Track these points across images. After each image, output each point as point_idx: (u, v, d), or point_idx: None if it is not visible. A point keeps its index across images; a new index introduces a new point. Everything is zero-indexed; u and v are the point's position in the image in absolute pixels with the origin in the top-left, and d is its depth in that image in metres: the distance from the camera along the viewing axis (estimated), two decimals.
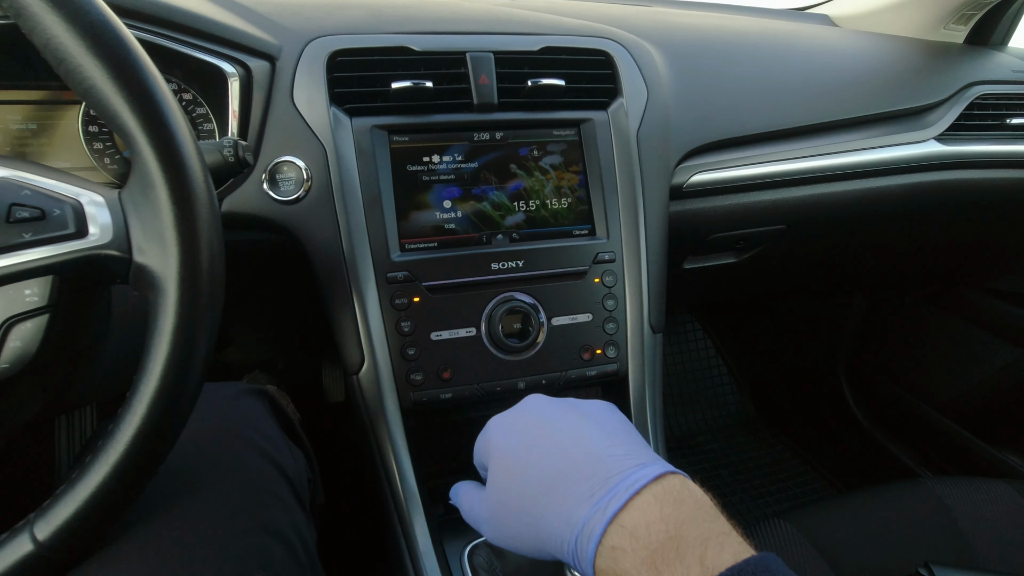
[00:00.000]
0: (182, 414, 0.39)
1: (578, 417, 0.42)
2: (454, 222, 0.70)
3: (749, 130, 0.84)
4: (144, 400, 0.37)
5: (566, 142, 0.74)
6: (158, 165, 0.37)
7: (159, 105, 0.37)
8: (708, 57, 0.87)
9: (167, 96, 0.38)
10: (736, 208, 0.86)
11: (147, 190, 0.37)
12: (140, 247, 0.38)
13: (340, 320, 0.65)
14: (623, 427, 0.42)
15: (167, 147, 0.37)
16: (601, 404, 0.46)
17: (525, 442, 0.41)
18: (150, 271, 0.38)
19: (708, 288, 1.23)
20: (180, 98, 0.69)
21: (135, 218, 0.38)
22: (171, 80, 0.69)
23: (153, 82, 0.37)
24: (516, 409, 0.46)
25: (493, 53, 0.71)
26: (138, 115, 0.36)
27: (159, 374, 0.37)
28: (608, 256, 0.72)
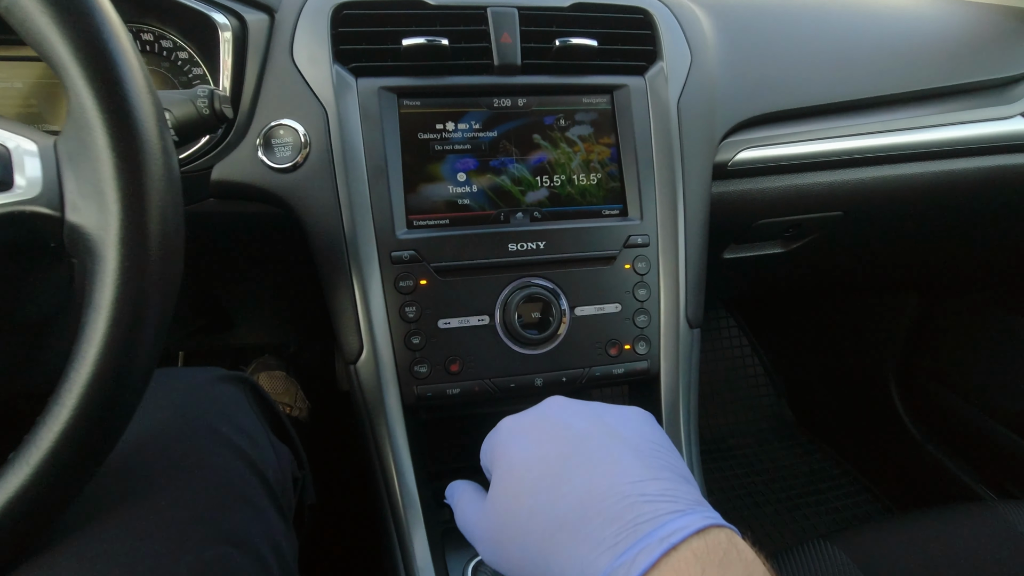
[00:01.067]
0: (123, 407, 0.33)
1: (608, 435, 0.34)
2: (468, 197, 0.62)
3: (806, 102, 0.74)
4: (75, 390, 0.31)
5: (597, 111, 0.66)
6: (95, 103, 0.30)
7: (97, 27, 0.30)
8: (760, 18, 0.77)
9: (109, 18, 0.31)
10: (787, 191, 0.77)
11: (83, 134, 0.31)
12: (74, 203, 0.32)
13: (338, 303, 0.59)
14: (660, 452, 0.34)
15: (106, 80, 0.30)
16: (635, 415, 0.38)
17: (541, 458, 0.34)
18: (85, 232, 0.31)
19: (748, 281, 1.13)
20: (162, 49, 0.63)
21: (70, 169, 0.32)
22: (154, 29, 0.63)
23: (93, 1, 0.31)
24: (533, 412, 0.39)
25: (517, 9, 0.63)
26: (69, 39, 0.30)
27: (93, 359, 0.31)
28: (641, 240, 0.64)
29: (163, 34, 0.65)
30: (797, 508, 1.31)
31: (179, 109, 0.43)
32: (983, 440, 1.15)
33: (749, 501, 1.33)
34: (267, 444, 0.49)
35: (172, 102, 0.43)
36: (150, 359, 0.33)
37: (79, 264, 0.33)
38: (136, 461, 0.39)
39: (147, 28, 0.64)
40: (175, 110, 0.43)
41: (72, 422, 0.31)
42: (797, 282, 1.22)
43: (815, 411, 1.53)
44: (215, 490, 0.41)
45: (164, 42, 0.65)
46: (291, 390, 1.15)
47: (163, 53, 0.66)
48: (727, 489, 1.36)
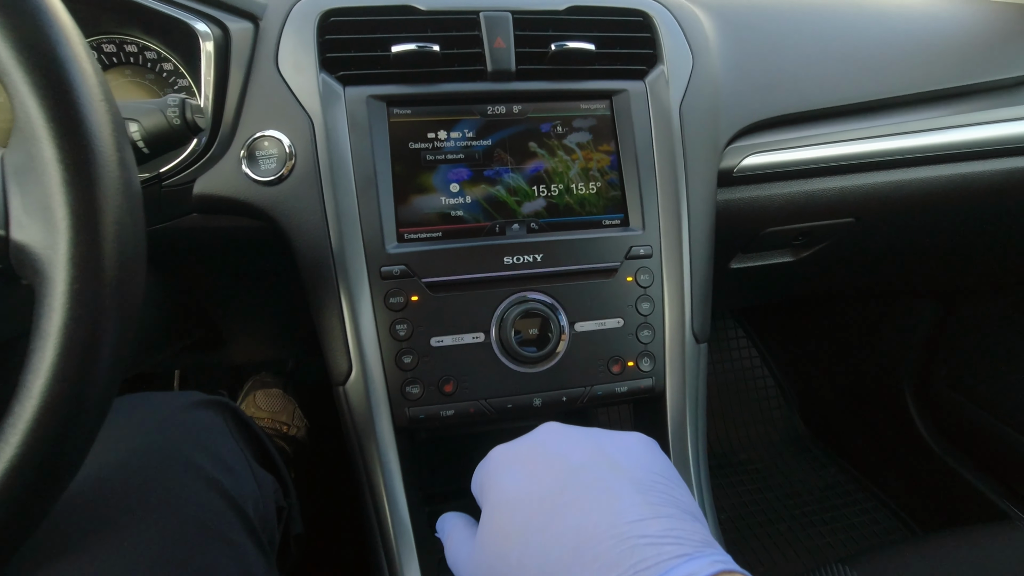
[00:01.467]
0: (76, 444, 0.30)
1: (606, 466, 0.31)
2: (462, 208, 0.60)
3: (814, 104, 0.71)
4: (20, 426, 0.28)
5: (595, 117, 0.63)
6: (41, 112, 0.28)
7: (44, 29, 0.28)
8: (765, 18, 0.74)
9: (59, 20, 0.29)
10: (796, 197, 0.73)
11: (29, 146, 0.28)
12: (19, 221, 0.29)
13: (325, 321, 0.56)
14: (664, 484, 0.31)
15: (54, 87, 0.28)
16: (637, 443, 0.35)
17: (533, 493, 0.31)
18: (32, 252, 0.29)
19: (756, 291, 1.10)
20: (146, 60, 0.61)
21: (15, 184, 0.29)
22: (137, 40, 0.61)
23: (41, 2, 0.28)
24: (526, 441, 0.36)
25: (511, 12, 0.61)
26: (12, 42, 0.27)
27: (40, 392, 0.28)
28: (644, 251, 0.61)
29: (147, 45, 0.63)
30: (812, 526, 1.27)
31: (148, 120, 0.41)
32: (1006, 452, 1.10)
33: (762, 518, 1.29)
34: (248, 474, 0.46)
35: (140, 112, 0.41)
36: (106, 391, 0.30)
37: (28, 287, 0.30)
38: (98, 496, 0.36)
39: (130, 39, 0.63)
40: (144, 121, 0.41)
41: (17, 461, 0.28)
42: (808, 291, 1.18)
43: (828, 423, 1.49)
44: (185, 526, 0.38)
45: (148, 53, 0.64)
46: (288, 408, 1.13)
47: (147, 64, 0.64)
48: (738, 506, 1.32)
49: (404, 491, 0.56)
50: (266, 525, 0.46)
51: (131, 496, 0.37)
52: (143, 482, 0.38)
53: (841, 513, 1.29)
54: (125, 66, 0.64)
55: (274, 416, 1.10)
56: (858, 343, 1.38)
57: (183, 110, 0.42)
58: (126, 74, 0.65)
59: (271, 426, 1.08)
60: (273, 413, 1.10)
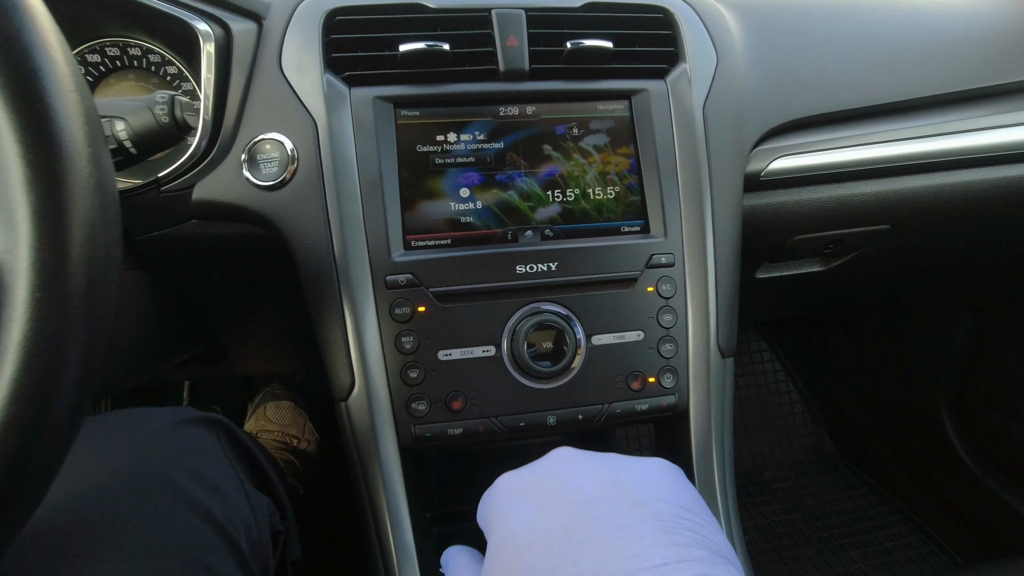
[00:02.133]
0: (36, 472, 0.27)
1: (625, 499, 0.28)
2: (472, 214, 0.56)
3: (845, 104, 0.67)
4: None
5: (614, 118, 0.60)
6: (2, 103, 0.25)
7: (9, 11, 0.25)
8: (793, 16, 0.71)
9: (25, 3, 0.26)
10: (828, 203, 0.69)
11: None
12: None
13: (327, 333, 0.53)
14: (690, 520, 0.27)
15: (17, 75, 0.25)
16: (659, 471, 0.31)
17: (542, 531, 0.27)
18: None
19: (783, 302, 1.05)
20: (150, 63, 0.59)
21: None
22: (141, 43, 0.59)
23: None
24: (536, 469, 0.32)
25: (524, 10, 0.58)
26: None
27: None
28: (666, 259, 0.57)
29: (151, 48, 0.62)
30: (843, 550, 1.20)
31: (135, 118, 0.39)
32: None
33: (789, 541, 1.22)
34: (240, 497, 0.43)
35: (127, 110, 0.39)
36: (72, 413, 0.28)
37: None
38: (73, 524, 0.33)
39: (134, 42, 0.61)
40: (131, 119, 0.38)
41: None
42: (839, 303, 1.13)
43: (858, 441, 1.42)
44: (166, 559, 0.35)
45: (152, 56, 0.62)
46: (299, 421, 1.10)
47: (151, 67, 0.62)
48: (764, 528, 1.26)
49: (409, 515, 0.52)
50: (259, 552, 0.43)
51: (106, 525, 0.34)
52: (120, 509, 0.35)
53: (873, 537, 1.23)
54: (129, 69, 0.63)
55: (284, 429, 1.07)
56: (890, 357, 1.32)
57: (172, 107, 0.40)
58: (130, 77, 0.63)
59: (281, 439, 1.06)
60: (283, 426, 1.08)
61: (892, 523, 1.26)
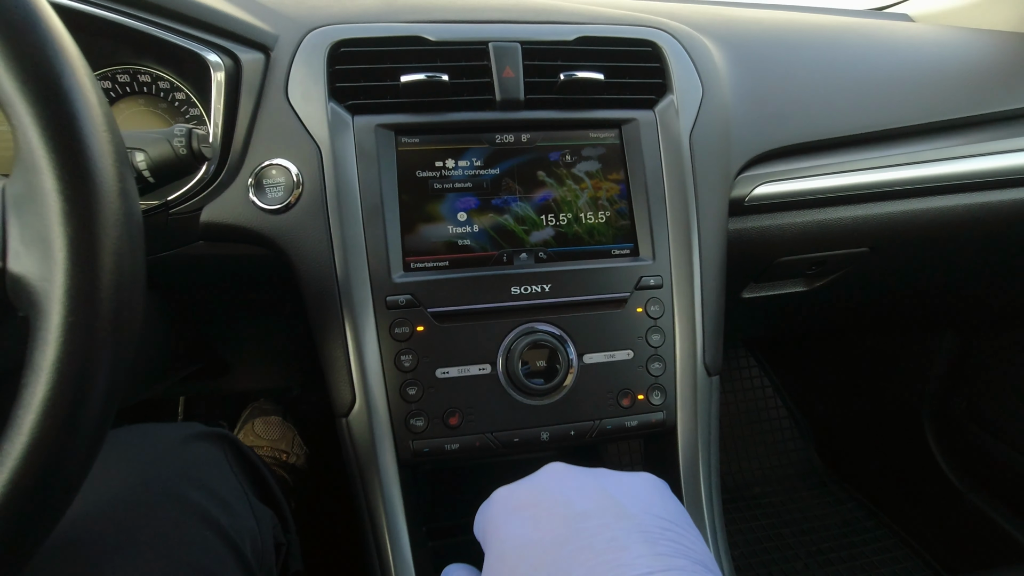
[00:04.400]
0: (64, 483, 0.29)
1: (612, 513, 0.30)
2: (469, 237, 0.59)
3: (826, 133, 0.71)
4: (8, 463, 0.27)
5: (605, 146, 0.63)
6: (42, 142, 0.27)
7: (49, 59, 0.28)
8: (775, 50, 0.74)
9: (64, 49, 0.29)
10: (810, 226, 0.72)
11: (30, 177, 0.28)
12: (16, 252, 0.28)
13: (329, 351, 0.55)
14: (674, 531, 0.30)
15: (57, 117, 0.28)
16: (645, 485, 0.33)
17: (535, 543, 0.29)
18: (28, 284, 0.28)
19: (769, 321, 1.08)
20: (159, 90, 0.62)
21: (14, 215, 0.29)
22: (151, 70, 0.61)
23: (46, 29, 0.28)
24: (529, 483, 0.34)
25: (520, 43, 0.61)
26: (17, 72, 0.27)
27: (29, 428, 0.27)
28: (654, 281, 0.60)
29: (160, 75, 0.64)
30: (830, 564, 1.22)
31: (154, 149, 0.41)
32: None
33: (777, 555, 1.24)
34: (246, 509, 0.45)
35: (146, 142, 0.41)
36: (98, 428, 0.30)
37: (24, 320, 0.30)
38: (86, 536, 0.35)
39: (144, 70, 0.63)
40: (150, 151, 0.41)
41: (3, 500, 0.27)
42: (822, 321, 1.16)
43: (845, 457, 1.45)
44: (178, 569, 0.36)
45: (161, 83, 0.64)
46: (288, 436, 1.11)
47: (160, 94, 0.65)
48: (753, 541, 1.27)
49: (407, 528, 0.54)
50: (263, 562, 0.45)
51: (121, 536, 0.36)
52: (133, 520, 0.37)
53: (860, 551, 1.25)
54: (138, 95, 0.65)
55: (273, 444, 1.08)
56: (874, 375, 1.35)
57: (189, 140, 0.42)
58: (139, 103, 0.66)
59: (270, 455, 1.06)
60: (272, 441, 1.09)
61: (878, 537, 1.28)
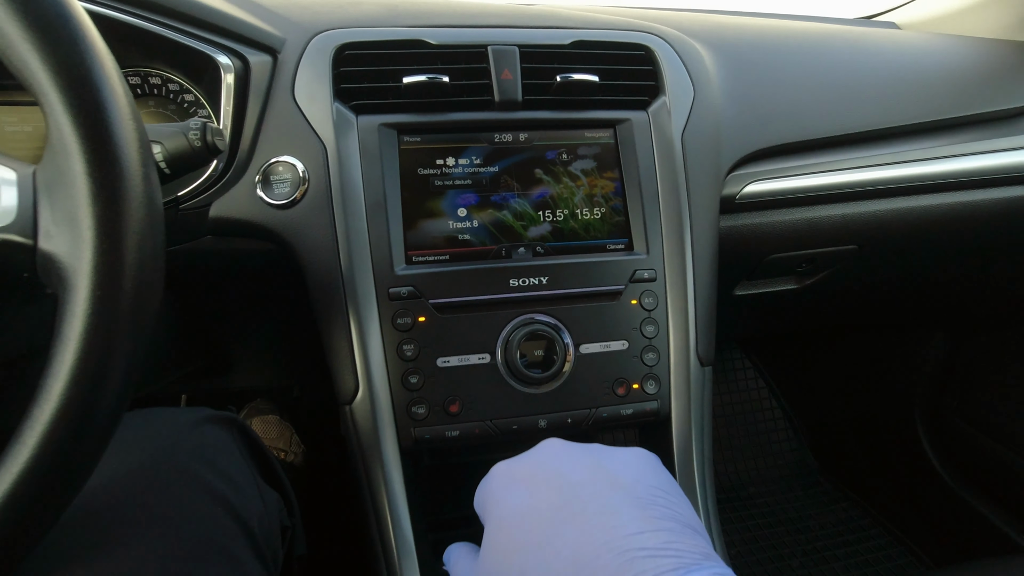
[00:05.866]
0: (90, 448, 0.31)
1: (605, 482, 0.32)
2: (469, 232, 0.61)
3: (815, 133, 0.73)
4: (37, 428, 0.29)
5: (600, 145, 0.65)
6: (73, 129, 0.29)
7: (81, 53, 0.30)
8: (764, 54, 0.77)
9: (94, 45, 0.31)
10: (799, 224, 0.75)
11: (60, 161, 0.30)
12: (47, 231, 0.30)
13: (333, 341, 0.57)
14: (664, 498, 0.31)
15: (87, 106, 0.30)
16: (636, 458, 0.35)
17: (533, 509, 0.31)
18: (58, 261, 0.30)
19: (762, 319, 1.10)
20: (169, 92, 0.64)
21: (45, 197, 0.31)
22: (161, 72, 0.64)
23: (77, 26, 0.30)
24: (527, 458, 0.36)
25: (518, 46, 0.64)
26: (50, 65, 0.29)
27: (58, 394, 0.29)
28: (648, 274, 0.62)
29: (170, 77, 0.66)
30: (825, 562, 1.23)
31: (171, 142, 0.43)
32: (1020, 485, 1.07)
33: (773, 554, 1.25)
34: (254, 491, 0.47)
35: (163, 135, 0.43)
36: (121, 397, 0.31)
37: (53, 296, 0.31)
38: (103, 508, 0.37)
39: (155, 72, 0.66)
40: (167, 143, 0.43)
41: (32, 463, 0.29)
42: (813, 319, 1.18)
43: (839, 456, 1.46)
44: (190, 543, 0.38)
45: (171, 85, 0.67)
46: (285, 435, 1.12)
47: (170, 96, 0.67)
48: (749, 541, 1.29)
49: (408, 512, 0.55)
50: (270, 543, 0.46)
51: (136, 510, 0.37)
52: (148, 496, 0.39)
53: (855, 549, 1.26)
54: (149, 97, 0.67)
55: (271, 443, 1.09)
56: (868, 374, 1.37)
57: (204, 132, 0.44)
58: (150, 105, 0.68)
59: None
60: (270, 440, 1.10)
61: (873, 535, 1.30)
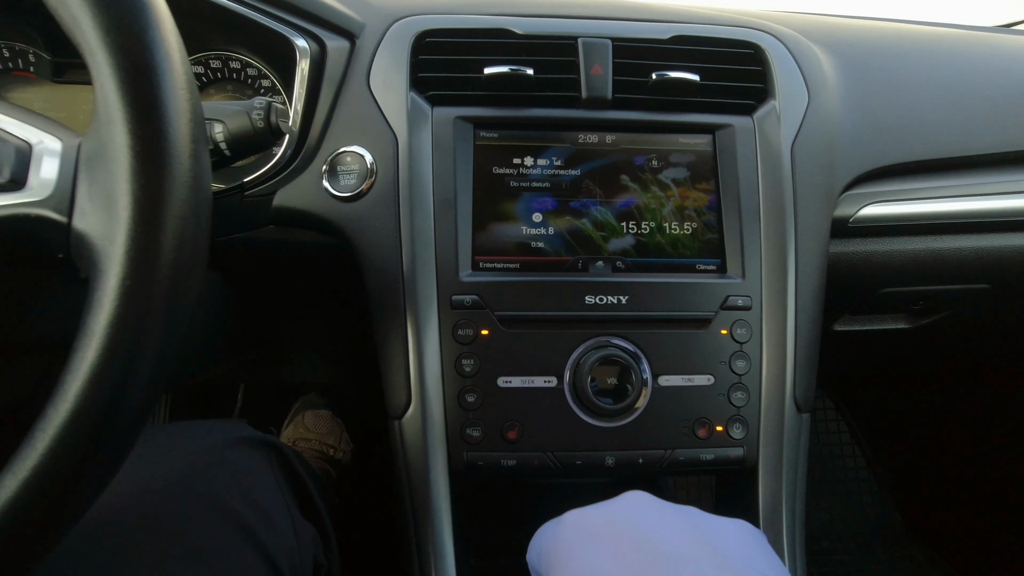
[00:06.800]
0: (105, 460, 0.27)
1: (710, 562, 0.25)
2: (543, 240, 0.55)
3: (948, 151, 0.63)
4: (50, 430, 0.25)
5: (696, 152, 0.58)
6: (119, 96, 0.26)
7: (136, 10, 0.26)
8: (890, 59, 0.67)
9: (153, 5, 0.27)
10: (921, 256, 0.64)
11: (103, 131, 0.26)
12: (83, 208, 0.27)
13: (388, 349, 0.53)
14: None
15: (136, 70, 0.26)
16: (743, 532, 0.28)
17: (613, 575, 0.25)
18: (90, 241, 0.27)
19: (860, 358, 0.98)
20: (247, 76, 0.62)
21: (85, 170, 0.27)
22: (241, 57, 0.62)
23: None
24: (608, 510, 0.30)
25: (611, 39, 0.58)
26: (101, 21, 0.26)
27: (75, 394, 0.25)
28: (742, 301, 0.54)
29: (250, 62, 0.65)
30: None
31: (233, 121, 0.40)
32: None
33: None
34: (287, 524, 0.43)
35: (226, 114, 0.40)
36: (146, 400, 0.28)
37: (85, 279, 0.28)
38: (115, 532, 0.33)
39: (235, 56, 0.64)
40: (228, 122, 0.40)
41: (41, 468, 0.25)
42: (921, 362, 1.05)
43: (931, 517, 1.30)
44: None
45: (250, 70, 0.65)
46: (336, 431, 1.10)
47: (248, 80, 0.65)
48: None
49: (452, 544, 0.50)
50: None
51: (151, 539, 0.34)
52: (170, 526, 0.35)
53: None
54: (228, 81, 0.66)
55: (321, 438, 1.08)
56: (976, 426, 1.21)
57: (268, 113, 0.41)
58: (228, 89, 0.67)
59: (318, 447, 1.06)
60: (320, 435, 1.08)
61: None
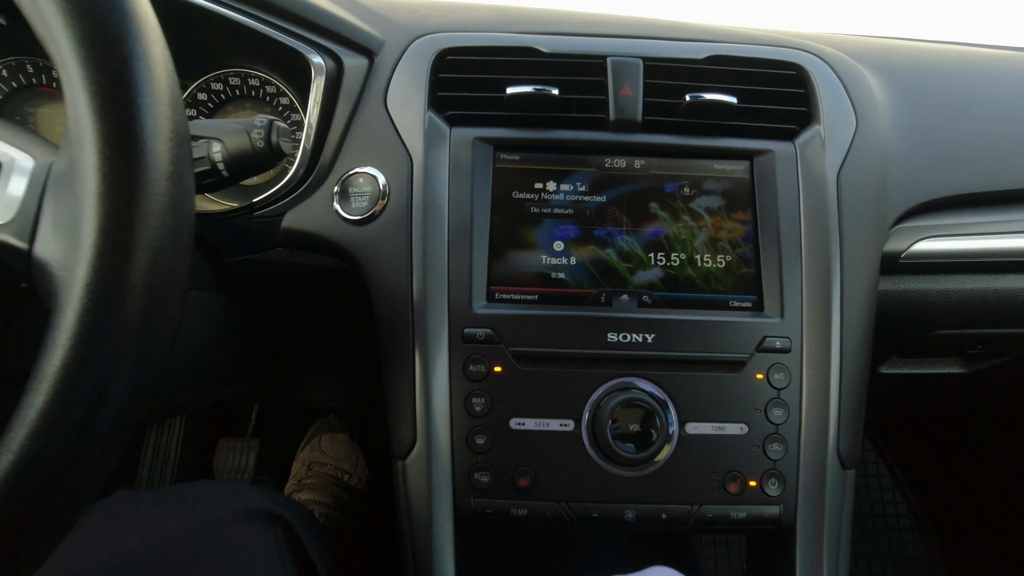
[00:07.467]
0: (52, 519, 0.24)
1: None
2: (564, 270, 0.52)
3: (1013, 183, 0.57)
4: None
5: (732, 179, 0.54)
6: (90, 110, 0.23)
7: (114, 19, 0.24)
8: (947, 81, 0.62)
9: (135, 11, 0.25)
10: (982, 296, 0.59)
11: (73, 150, 0.24)
12: (45, 234, 0.24)
13: (394, 383, 0.49)
14: None
15: (110, 82, 0.23)
16: None
17: None
18: (50, 271, 0.24)
19: (906, 402, 0.91)
20: (266, 94, 0.61)
21: (52, 193, 0.25)
22: (260, 74, 0.61)
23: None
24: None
25: (643, 59, 0.54)
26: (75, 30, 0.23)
27: (18, 446, 0.22)
28: (781, 343, 0.50)
29: (268, 79, 0.63)
30: None
31: (231, 140, 0.37)
32: None
33: None
34: None
35: (224, 132, 0.38)
36: (105, 450, 0.24)
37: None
38: None
39: (254, 73, 0.63)
40: (227, 141, 0.37)
41: None
42: (974, 408, 0.97)
43: (977, 571, 1.20)
44: None
45: (269, 87, 0.64)
46: (352, 455, 1.08)
47: (266, 99, 0.64)
48: None
49: None
50: None
51: None
52: None
53: None
54: (246, 98, 0.65)
55: (337, 463, 1.05)
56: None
57: (268, 132, 0.39)
58: (247, 106, 0.65)
59: (333, 472, 1.03)
60: (337, 460, 1.06)
61: None
